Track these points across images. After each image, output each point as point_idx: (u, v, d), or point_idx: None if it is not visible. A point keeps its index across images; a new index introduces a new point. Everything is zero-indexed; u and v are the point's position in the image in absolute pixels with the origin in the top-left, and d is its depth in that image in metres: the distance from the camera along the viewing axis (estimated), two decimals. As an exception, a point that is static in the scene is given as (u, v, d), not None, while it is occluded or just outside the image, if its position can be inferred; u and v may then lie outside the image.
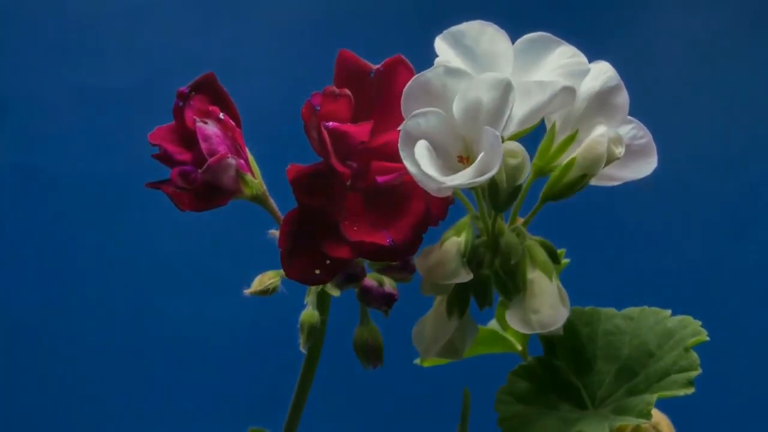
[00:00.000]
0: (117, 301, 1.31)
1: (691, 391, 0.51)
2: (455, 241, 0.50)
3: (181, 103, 0.53)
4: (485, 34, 0.50)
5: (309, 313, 0.57)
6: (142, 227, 1.30)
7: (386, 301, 0.55)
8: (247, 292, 0.56)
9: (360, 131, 0.49)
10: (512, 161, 0.47)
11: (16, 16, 1.35)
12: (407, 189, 0.49)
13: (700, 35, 1.34)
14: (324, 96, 0.50)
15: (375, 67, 0.52)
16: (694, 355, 0.52)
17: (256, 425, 0.69)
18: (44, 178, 1.33)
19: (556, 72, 0.49)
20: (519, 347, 0.67)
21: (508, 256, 0.51)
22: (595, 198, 0.59)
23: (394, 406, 1.27)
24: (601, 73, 0.50)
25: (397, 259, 0.51)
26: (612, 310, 0.57)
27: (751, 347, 1.25)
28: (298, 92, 0.51)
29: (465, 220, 0.51)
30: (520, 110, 0.48)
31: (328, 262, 0.49)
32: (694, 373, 0.52)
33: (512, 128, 0.49)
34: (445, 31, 0.51)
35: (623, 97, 0.51)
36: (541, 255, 0.51)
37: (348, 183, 0.50)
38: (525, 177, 0.48)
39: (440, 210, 0.50)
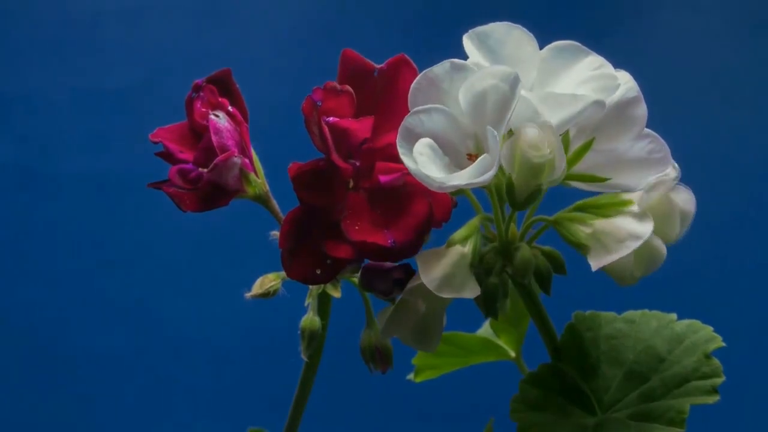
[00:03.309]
0: (117, 301, 1.30)
1: (716, 399, 0.51)
2: (461, 252, 0.49)
3: (193, 94, 0.54)
4: (511, 37, 0.49)
5: (310, 319, 0.57)
6: (142, 227, 1.30)
7: (404, 271, 0.51)
8: (248, 295, 0.55)
9: (361, 127, 0.49)
10: (534, 156, 0.46)
11: (16, 15, 1.34)
12: (410, 190, 0.49)
13: (700, 34, 1.34)
14: (325, 91, 0.49)
15: (378, 66, 0.52)
16: (716, 362, 0.52)
17: (256, 425, 0.69)
18: (44, 178, 1.32)
19: (586, 85, 0.48)
20: (512, 354, 0.67)
21: (522, 273, 0.49)
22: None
23: (395, 408, 1.27)
24: (622, 83, 0.49)
25: (398, 260, 0.50)
26: (612, 314, 0.57)
27: (750, 350, 1.25)
28: (300, 93, 0.50)
29: (474, 222, 0.50)
30: (550, 121, 0.47)
31: (328, 261, 0.49)
32: (718, 381, 0.51)
33: None
34: (471, 30, 0.50)
35: (642, 110, 0.49)
36: (582, 215, 0.49)
37: (350, 180, 0.49)
38: (548, 177, 0.47)
39: (443, 212, 0.49)
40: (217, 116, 0.52)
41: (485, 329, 0.69)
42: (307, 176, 0.49)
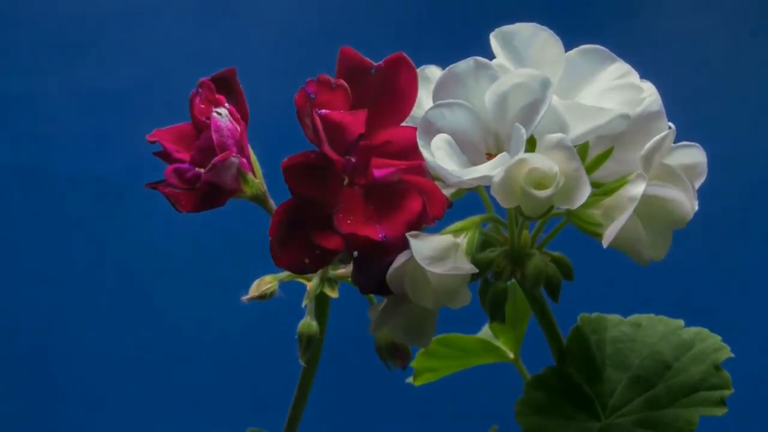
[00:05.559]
0: (117, 301, 1.30)
1: (725, 411, 0.50)
2: (452, 240, 0.48)
3: (196, 91, 0.54)
4: (537, 38, 0.49)
5: (307, 323, 0.56)
6: (142, 227, 1.30)
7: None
8: (244, 298, 0.55)
9: (354, 120, 0.49)
10: (536, 193, 0.45)
11: (16, 15, 1.34)
12: (405, 186, 0.49)
13: (700, 33, 1.34)
14: (319, 84, 0.49)
15: (376, 64, 0.51)
16: (726, 374, 0.51)
17: (255, 426, 0.68)
18: (44, 178, 1.32)
19: (612, 94, 0.48)
20: (511, 355, 0.66)
21: (533, 282, 0.48)
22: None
23: (394, 410, 1.26)
24: (646, 95, 0.49)
25: (388, 255, 0.49)
26: (618, 317, 0.56)
27: (749, 352, 1.24)
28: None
29: (474, 219, 0.49)
30: (575, 131, 0.47)
31: (317, 252, 0.48)
32: (727, 393, 0.51)
33: None
34: (497, 29, 0.49)
35: (663, 124, 0.49)
36: (591, 199, 0.48)
37: (342, 173, 0.49)
38: (563, 204, 0.46)
39: (437, 210, 0.49)
40: (219, 114, 0.52)
41: (484, 331, 0.68)
42: (298, 168, 0.48)
